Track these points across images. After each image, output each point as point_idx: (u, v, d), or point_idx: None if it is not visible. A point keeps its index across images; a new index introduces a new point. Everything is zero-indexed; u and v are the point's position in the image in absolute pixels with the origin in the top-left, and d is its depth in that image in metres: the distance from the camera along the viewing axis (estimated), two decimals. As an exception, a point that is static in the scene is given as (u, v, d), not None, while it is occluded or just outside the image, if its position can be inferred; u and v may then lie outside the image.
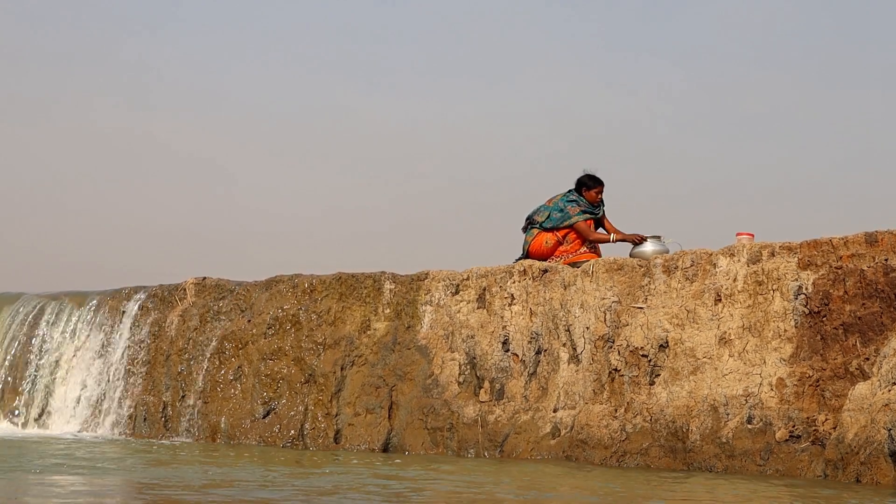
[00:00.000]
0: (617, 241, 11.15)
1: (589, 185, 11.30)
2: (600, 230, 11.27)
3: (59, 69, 25.68)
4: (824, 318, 9.27)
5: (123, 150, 24.90)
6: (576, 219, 11.12)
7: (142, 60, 26.11)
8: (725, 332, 9.65)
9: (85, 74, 25.75)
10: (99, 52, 25.95)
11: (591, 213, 11.23)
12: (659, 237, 10.75)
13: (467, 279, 11.06)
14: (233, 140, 25.45)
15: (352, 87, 26.07)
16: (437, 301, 11.12)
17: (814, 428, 9.06)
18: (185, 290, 12.29)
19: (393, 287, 11.37)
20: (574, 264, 10.85)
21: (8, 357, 12.69)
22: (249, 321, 11.69)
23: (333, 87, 26.12)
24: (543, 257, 11.10)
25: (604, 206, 11.37)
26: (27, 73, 25.64)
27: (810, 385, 9.19)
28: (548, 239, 11.17)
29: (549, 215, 11.18)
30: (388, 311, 11.31)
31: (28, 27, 25.95)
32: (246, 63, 26.78)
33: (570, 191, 11.32)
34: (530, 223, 11.29)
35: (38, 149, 24.76)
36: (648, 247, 10.66)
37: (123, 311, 12.42)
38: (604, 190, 11.32)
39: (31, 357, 12.63)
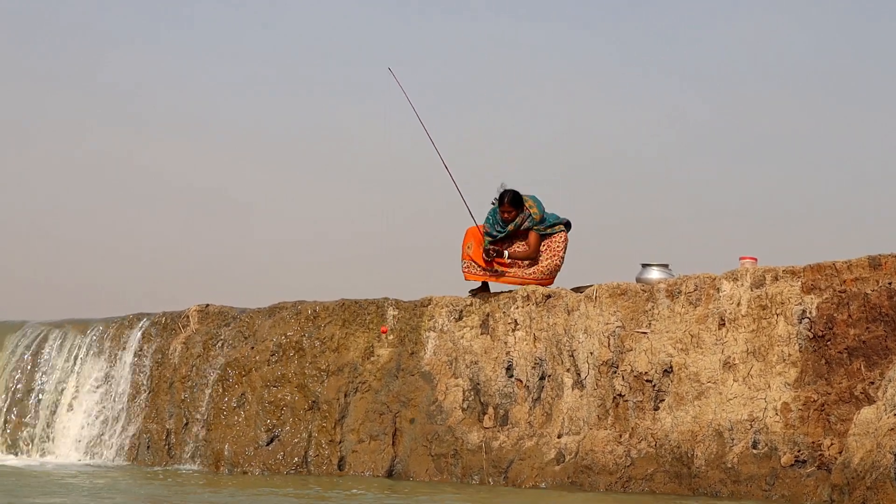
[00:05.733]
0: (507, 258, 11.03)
1: (498, 201, 11.04)
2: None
3: (53, 94, 25.70)
4: (829, 343, 9.25)
5: (122, 176, 24.93)
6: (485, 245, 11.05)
7: (141, 85, 26.16)
8: (730, 357, 9.63)
9: (80, 100, 25.78)
10: (96, 77, 25.99)
11: (490, 236, 11.04)
12: (666, 265, 10.74)
13: (471, 305, 11.06)
14: (234, 165, 25.48)
15: (352, 109, 26.12)
16: (440, 327, 11.11)
17: (819, 453, 9.04)
18: (188, 317, 12.29)
19: (396, 313, 11.37)
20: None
21: (11, 385, 12.68)
22: (253, 348, 11.68)
23: (334, 110, 26.18)
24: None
25: (525, 222, 11.03)
26: (28, 97, 25.69)
27: (815, 410, 9.17)
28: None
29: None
30: (391, 337, 11.30)
31: (19, 48, 26.02)
32: (245, 86, 26.83)
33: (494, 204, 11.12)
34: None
35: (38, 175, 24.79)
36: (654, 273, 10.66)
37: (126, 339, 12.41)
38: (514, 210, 10.93)
39: (35, 385, 12.61)
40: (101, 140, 24.90)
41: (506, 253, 11.01)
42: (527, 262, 11.02)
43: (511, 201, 10.97)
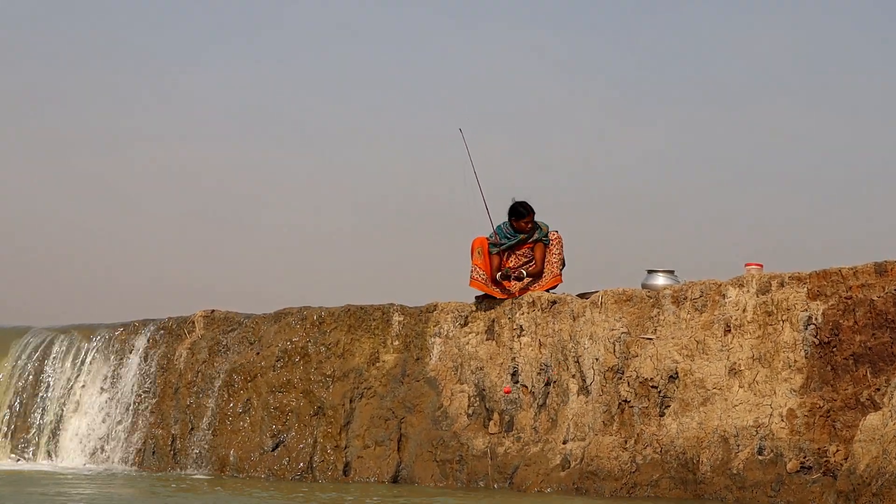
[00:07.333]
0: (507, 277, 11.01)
1: (516, 214, 11.06)
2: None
3: (45, 103, 25.74)
4: (834, 349, 9.24)
5: (124, 180, 24.96)
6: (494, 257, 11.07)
7: (149, 91, 26.22)
8: (735, 363, 9.63)
9: (110, 104, 25.81)
10: (82, 91, 25.98)
11: (496, 246, 11.03)
12: (672, 271, 10.74)
13: (476, 311, 11.06)
14: (239, 171, 25.52)
15: (359, 115, 26.16)
16: (445, 333, 11.11)
17: (825, 459, 9.03)
18: (193, 322, 12.30)
19: (402, 319, 11.37)
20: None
21: (17, 390, 12.69)
22: (258, 354, 11.69)
23: (341, 117, 26.22)
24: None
25: (534, 234, 11.07)
26: (42, 108, 25.73)
27: (821, 416, 9.16)
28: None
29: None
30: (397, 342, 11.31)
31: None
32: (252, 95, 26.88)
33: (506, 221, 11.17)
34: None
35: (38, 179, 24.84)
36: (660, 279, 10.65)
37: (132, 345, 12.42)
38: (525, 219, 11.00)
39: (40, 390, 12.63)
40: (117, 144, 24.96)
41: (524, 272, 11.00)
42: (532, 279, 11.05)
43: (529, 213, 11.02)
